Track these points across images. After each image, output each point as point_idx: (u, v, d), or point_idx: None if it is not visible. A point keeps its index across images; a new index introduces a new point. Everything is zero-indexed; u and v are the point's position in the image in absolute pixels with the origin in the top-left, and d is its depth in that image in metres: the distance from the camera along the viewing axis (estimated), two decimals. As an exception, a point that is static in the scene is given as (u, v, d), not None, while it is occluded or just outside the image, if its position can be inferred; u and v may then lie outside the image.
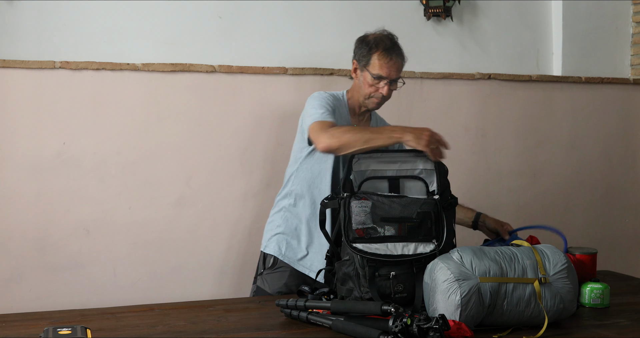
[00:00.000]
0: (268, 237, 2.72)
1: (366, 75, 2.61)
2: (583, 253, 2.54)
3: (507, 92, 3.70)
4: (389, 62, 2.58)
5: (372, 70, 2.59)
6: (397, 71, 2.62)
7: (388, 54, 2.58)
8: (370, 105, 2.66)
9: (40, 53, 2.98)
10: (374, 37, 2.63)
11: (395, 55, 2.60)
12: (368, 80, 2.60)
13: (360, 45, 2.64)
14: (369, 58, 2.60)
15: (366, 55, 2.60)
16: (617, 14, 3.92)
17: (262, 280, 2.68)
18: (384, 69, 2.58)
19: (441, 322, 1.86)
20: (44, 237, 3.01)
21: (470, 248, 2.11)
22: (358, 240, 2.23)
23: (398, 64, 2.61)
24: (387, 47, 2.59)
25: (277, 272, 2.65)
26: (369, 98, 2.64)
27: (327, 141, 2.41)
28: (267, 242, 2.71)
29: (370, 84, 2.60)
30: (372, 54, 2.59)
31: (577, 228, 3.84)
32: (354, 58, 2.67)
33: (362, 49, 2.62)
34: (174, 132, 3.16)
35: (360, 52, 2.63)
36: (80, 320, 2.13)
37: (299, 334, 2.04)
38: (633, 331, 2.11)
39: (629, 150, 3.97)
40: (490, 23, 3.70)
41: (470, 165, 3.63)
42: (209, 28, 3.22)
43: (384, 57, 2.58)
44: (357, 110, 2.70)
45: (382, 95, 2.62)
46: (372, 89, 2.61)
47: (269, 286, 2.64)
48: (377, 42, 2.60)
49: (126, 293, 3.07)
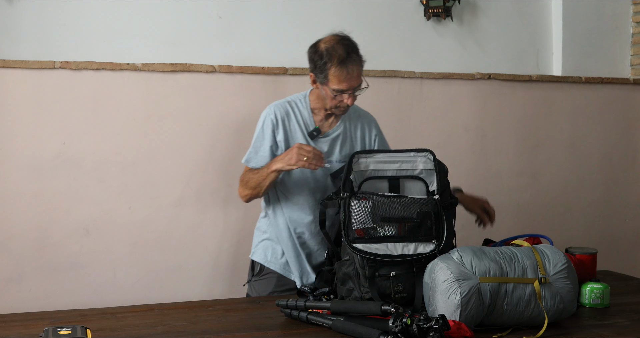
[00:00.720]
0: (255, 243, 2.70)
1: (327, 90, 2.47)
2: (583, 253, 2.54)
3: (507, 92, 3.70)
4: (347, 75, 2.42)
5: (332, 86, 2.44)
6: (358, 78, 2.45)
7: (344, 66, 2.41)
8: (337, 113, 2.57)
9: (40, 53, 2.98)
10: (326, 47, 2.43)
11: (352, 65, 2.42)
12: (330, 94, 2.47)
13: (314, 57, 2.46)
14: (325, 73, 2.43)
15: (322, 70, 2.43)
16: (617, 14, 3.92)
17: (251, 287, 2.67)
18: (343, 83, 2.43)
19: (441, 322, 1.86)
20: (44, 237, 3.01)
21: (470, 248, 2.11)
22: (358, 240, 2.23)
23: (357, 72, 2.45)
24: (342, 58, 2.41)
25: (264, 279, 2.63)
26: (335, 108, 2.52)
27: (240, 193, 2.60)
28: (254, 248, 2.70)
29: (332, 98, 2.47)
30: (327, 69, 2.42)
31: (577, 228, 3.84)
32: (310, 70, 2.50)
33: (317, 62, 2.45)
34: (174, 132, 3.16)
35: (315, 66, 2.46)
36: (80, 320, 2.13)
37: (299, 334, 2.04)
38: (633, 331, 2.11)
39: (629, 150, 3.97)
40: (490, 23, 3.70)
41: (470, 165, 3.63)
42: (209, 28, 3.22)
43: (340, 71, 2.41)
44: (322, 112, 2.57)
45: (347, 105, 2.49)
46: (335, 102, 2.48)
47: (257, 293, 2.64)
48: (331, 54, 2.42)
49: (126, 293, 3.07)
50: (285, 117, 2.56)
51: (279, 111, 2.56)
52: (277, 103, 2.59)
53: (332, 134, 2.58)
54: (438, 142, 3.42)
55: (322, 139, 2.56)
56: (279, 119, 2.55)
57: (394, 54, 3.52)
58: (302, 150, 2.38)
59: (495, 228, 3.60)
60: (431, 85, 3.55)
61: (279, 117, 2.55)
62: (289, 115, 2.56)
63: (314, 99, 2.59)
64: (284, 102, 2.59)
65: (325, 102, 2.53)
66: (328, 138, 2.57)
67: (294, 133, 2.55)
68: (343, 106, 2.51)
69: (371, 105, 3.31)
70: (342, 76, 2.42)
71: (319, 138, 2.56)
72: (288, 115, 2.56)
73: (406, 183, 2.36)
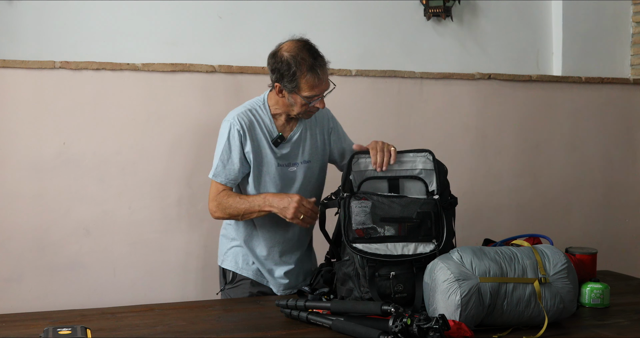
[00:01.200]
0: (223, 250, 2.66)
1: (296, 98, 2.40)
2: (583, 253, 2.54)
3: (507, 92, 3.70)
4: (319, 81, 2.37)
5: (304, 93, 2.38)
6: (327, 81, 2.42)
7: (314, 72, 2.36)
8: (304, 117, 2.50)
9: (40, 53, 2.98)
10: (291, 55, 2.36)
11: (321, 69, 2.38)
12: (300, 101, 2.40)
13: (280, 67, 2.37)
14: (296, 83, 2.36)
15: (292, 79, 2.36)
16: (617, 14, 3.92)
17: (226, 295, 2.64)
18: (316, 88, 2.38)
19: (441, 322, 1.86)
20: (44, 237, 3.01)
21: (470, 248, 2.11)
22: (358, 240, 2.23)
23: (326, 75, 2.41)
24: (310, 64, 2.36)
25: (239, 286, 2.60)
26: (303, 113, 2.46)
27: (214, 215, 2.52)
28: (223, 255, 2.66)
29: (303, 105, 2.41)
30: (298, 78, 2.35)
31: (577, 228, 3.84)
32: (275, 80, 2.41)
33: (284, 72, 2.36)
34: (174, 132, 3.16)
35: (282, 76, 2.37)
36: (80, 320, 2.13)
37: (299, 334, 2.04)
38: (633, 331, 2.11)
39: (629, 150, 3.97)
40: (490, 23, 3.70)
41: (470, 165, 3.63)
42: (209, 28, 3.22)
43: (312, 78, 2.36)
44: (283, 117, 2.51)
45: (318, 109, 2.45)
46: (306, 107, 2.43)
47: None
48: (299, 62, 2.35)
49: (126, 293, 3.07)
50: (250, 126, 2.46)
51: (243, 121, 2.46)
52: (239, 112, 2.48)
53: (293, 137, 2.52)
54: (438, 142, 3.41)
55: (285, 144, 2.51)
56: (246, 130, 2.45)
57: (394, 54, 3.52)
58: (301, 208, 2.36)
59: (495, 228, 3.62)
60: (431, 85, 3.55)
61: (245, 127, 2.45)
62: (253, 125, 2.47)
63: (273, 104, 2.50)
64: (245, 110, 2.49)
65: (292, 108, 2.45)
66: (290, 142, 2.52)
67: (260, 142, 2.48)
68: (313, 111, 2.47)
69: (371, 105, 3.33)
70: (314, 83, 2.37)
71: (283, 144, 2.50)
72: (252, 124, 2.47)
73: (406, 184, 2.36)
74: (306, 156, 2.55)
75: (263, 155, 2.49)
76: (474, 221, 3.59)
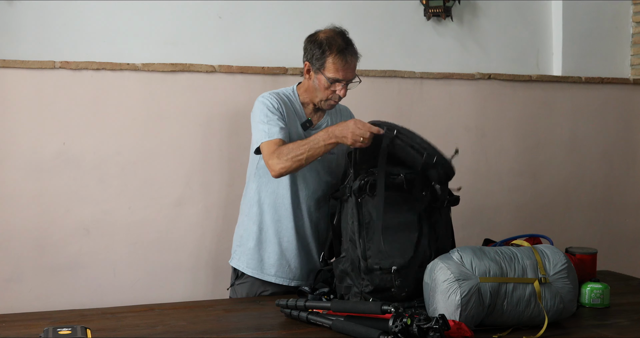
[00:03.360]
0: (234, 248, 2.69)
1: (321, 79, 2.48)
2: (583, 253, 2.54)
3: (507, 92, 3.70)
4: (345, 64, 2.46)
5: (328, 74, 2.47)
6: (353, 71, 2.50)
7: (343, 55, 2.45)
8: (325, 107, 2.56)
9: (40, 53, 2.98)
10: (326, 36, 2.48)
11: (350, 56, 2.48)
12: (323, 83, 2.49)
13: (312, 47, 2.49)
14: (323, 61, 2.46)
15: (320, 58, 2.46)
16: (617, 14, 3.92)
17: (234, 291, 2.66)
18: (340, 72, 2.46)
19: (441, 322, 1.86)
20: (44, 237, 3.01)
21: (470, 248, 2.11)
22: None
23: (354, 64, 2.50)
24: (342, 48, 2.46)
25: (247, 282, 2.62)
26: (325, 101, 2.53)
27: (277, 168, 2.40)
28: (233, 253, 2.68)
29: (326, 87, 2.49)
30: (326, 56, 2.46)
31: (577, 228, 3.84)
32: (306, 59, 2.52)
33: (315, 51, 2.48)
34: (174, 132, 3.16)
35: (312, 54, 2.49)
36: (80, 320, 2.13)
37: (299, 334, 2.04)
38: (633, 331, 2.11)
39: (629, 150, 3.97)
40: (490, 23, 3.70)
41: (470, 165, 3.63)
42: (209, 28, 3.22)
43: (339, 59, 2.45)
44: (310, 106, 2.59)
45: (339, 97, 2.52)
46: (329, 92, 2.50)
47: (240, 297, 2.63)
48: (330, 43, 2.46)
49: (126, 293, 3.07)
50: (283, 104, 2.54)
51: (278, 98, 2.54)
52: (270, 93, 2.57)
53: (322, 126, 2.58)
54: (438, 142, 3.40)
55: (313, 131, 2.55)
56: (281, 104, 2.52)
57: (394, 54, 3.52)
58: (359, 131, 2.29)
59: (495, 228, 3.62)
60: (431, 85, 3.55)
61: (280, 102, 2.52)
62: (286, 104, 2.56)
63: (302, 92, 2.59)
64: (277, 93, 2.57)
65: (316, 94, 2.52)
66: (318, 130, 2.54)
67: (292, 121, 2.54)
68: (334, 99, 2.52)
69: (371, 105, 3.32)
70: (340, 64, 2.46)
71: (310, 129, 2.56)
72: (285, 104, 2.55)
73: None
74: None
75: (293, 134, 2.52)
76: (474, 221, 3.59)
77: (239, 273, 2.64)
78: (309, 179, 2.56)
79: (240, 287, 2.63)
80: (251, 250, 2.60)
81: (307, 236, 2.58)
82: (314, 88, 2.53)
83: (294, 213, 2.55)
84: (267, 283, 2.59)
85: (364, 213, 2.26)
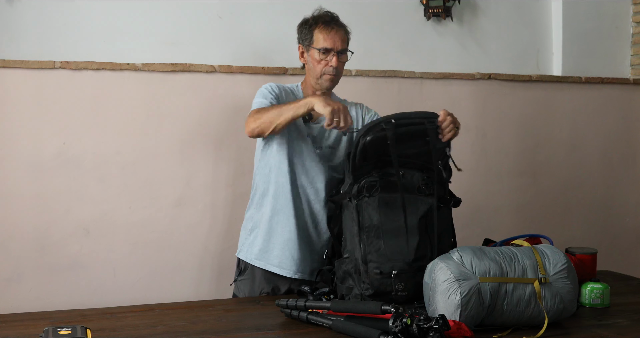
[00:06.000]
0: (242, 241, 2.69)
1: (313, 53, 2.57)
2: (583, 253, 2.54)
3: (507, 92, 3.70)
4: (331, 32, 2.56)
5: (317, 45, 2.56)
6: (342, 42, 2.58)
7: (329, 25, 2.57)
8: (324, 84, 2.60)
9: (40, 53, 2.98)
10: (312, 16, 2.62)
11: (336, 26, 2.58)
12: (315, 56, 2.56)
13: (301, 28, 2.63)
14: (310, 35, 2.58)
15: (308, 33, 2.59)
16: (617, 14, 3.92)
17: (237, 287, 2.66)
18: (328, 40, 2.55)
19: (441, 322, 1.86)
20: (44, 237, 3.01)
21: (470, 248, 2.11)
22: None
23: (341, 34, 2.58)
24: (327, 20, 2.58)
25: (248, 279, 2.62)
26: (321, 77, 2.58)
27: (249, 125, 2.47)
28: (240, 246, 2.69)
29: (318, 60, 2.56)
30: (313, 30, 2.58)
31: (577, 228, 3.84)
32: (298, 43, 2.64)
33: (304, 30, 2.61)
34: (174, 132, 3.16)
35: (302, 34, 2.62)
36: (80, 320, 2.13)
37: (299, 334, 2.04)
38: (633, 331, 2.11)
39: (629, 150, 3.97)
40: (490, 23, 3.70)
41: (470, 165, 3.63)
42: (209, 28, 3.22)
43: (325, 29, 2.56)
44: None
45: (332, 68, 2.55)
46: (322, 64, 2.56)
47: (242, 293, 2.63)
48: (316, 19, 2.59)
49: (126, 293, 3.07)
50: (283, 93, 2.60)
51: (277, 87, 2.61)
52: (273, 83, 2.64)
53: (323, 121, 2.56)
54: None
55: (314, 125, 2.58)
56: (281, 92, 2.60)
57: (394, 54, 3.52)
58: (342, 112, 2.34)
59: (495, 228, 3.62)
60: (431, 85, 3.55)
61: (280, 90, 2.60)
62: (288, 95, 2.62)
63: (304, 87, 2.66)
64: (278, 84, 2.64)
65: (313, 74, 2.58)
66: (319, 124, 2.59)
67: None
68: (329, 72, 2.56)
69: (371, 105, 3.31)
70: (327, 34, 2.55)
71: (311, 123, 2.58)
72: (287, 94, 2.61)
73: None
74: (331, 141, 2.60)
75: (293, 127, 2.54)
76: (474, 221, 3.59)
77: (242, 268, 2.65)
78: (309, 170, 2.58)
79: (242, 283, 2.64)
80: (256, 239, 2.61)
81: (308, 227, 2.58)
82: (310, 69, 2.60)
83: (294, 203, 2.55)
84: (268, 278, 2.59)
85: (364, 216, 2.26)
